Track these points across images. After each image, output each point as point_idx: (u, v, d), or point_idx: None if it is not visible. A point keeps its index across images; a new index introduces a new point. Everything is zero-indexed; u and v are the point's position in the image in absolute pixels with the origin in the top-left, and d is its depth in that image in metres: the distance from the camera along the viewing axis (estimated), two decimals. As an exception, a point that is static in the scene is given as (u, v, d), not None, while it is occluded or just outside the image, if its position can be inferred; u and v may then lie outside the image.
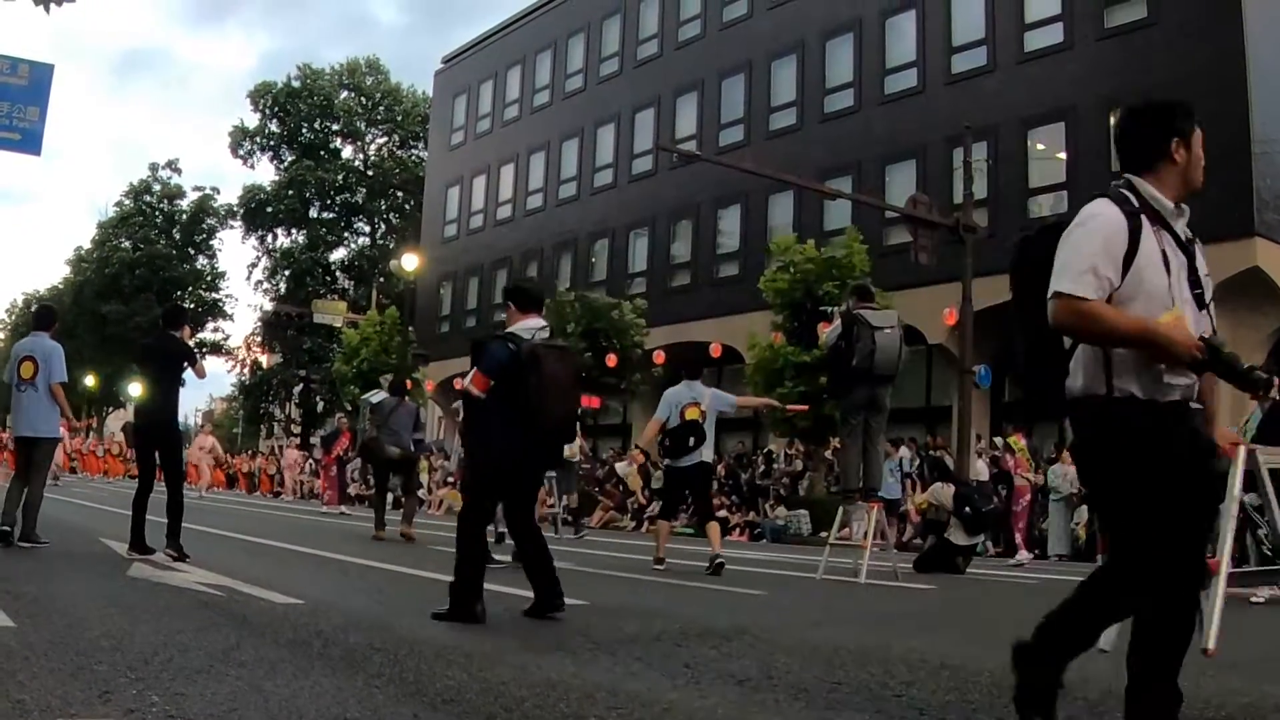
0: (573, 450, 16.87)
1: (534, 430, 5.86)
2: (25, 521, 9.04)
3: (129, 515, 8.72)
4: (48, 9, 9.16)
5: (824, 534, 16.17)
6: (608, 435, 32.54)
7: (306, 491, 31.09)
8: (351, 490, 27.14)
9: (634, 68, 33.69)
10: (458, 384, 6.24)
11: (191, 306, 55.56)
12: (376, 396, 14.89)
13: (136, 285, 57.21)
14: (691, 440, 10.09)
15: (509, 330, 6.12)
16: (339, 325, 40.16)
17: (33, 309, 10.67)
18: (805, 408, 17.95)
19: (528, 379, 5.75)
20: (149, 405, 9.06)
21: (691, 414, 10.13)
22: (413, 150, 56.84)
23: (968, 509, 11.59)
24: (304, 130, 55.71)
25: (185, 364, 9.03)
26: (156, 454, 8.96)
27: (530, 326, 6.10)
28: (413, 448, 14.42)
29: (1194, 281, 3.24)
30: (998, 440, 21.16)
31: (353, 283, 56.15)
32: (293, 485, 32.55)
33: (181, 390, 9.11)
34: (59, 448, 28.38)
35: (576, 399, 6.47)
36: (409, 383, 15.63)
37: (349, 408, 32.75)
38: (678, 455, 10.21)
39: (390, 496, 15.47)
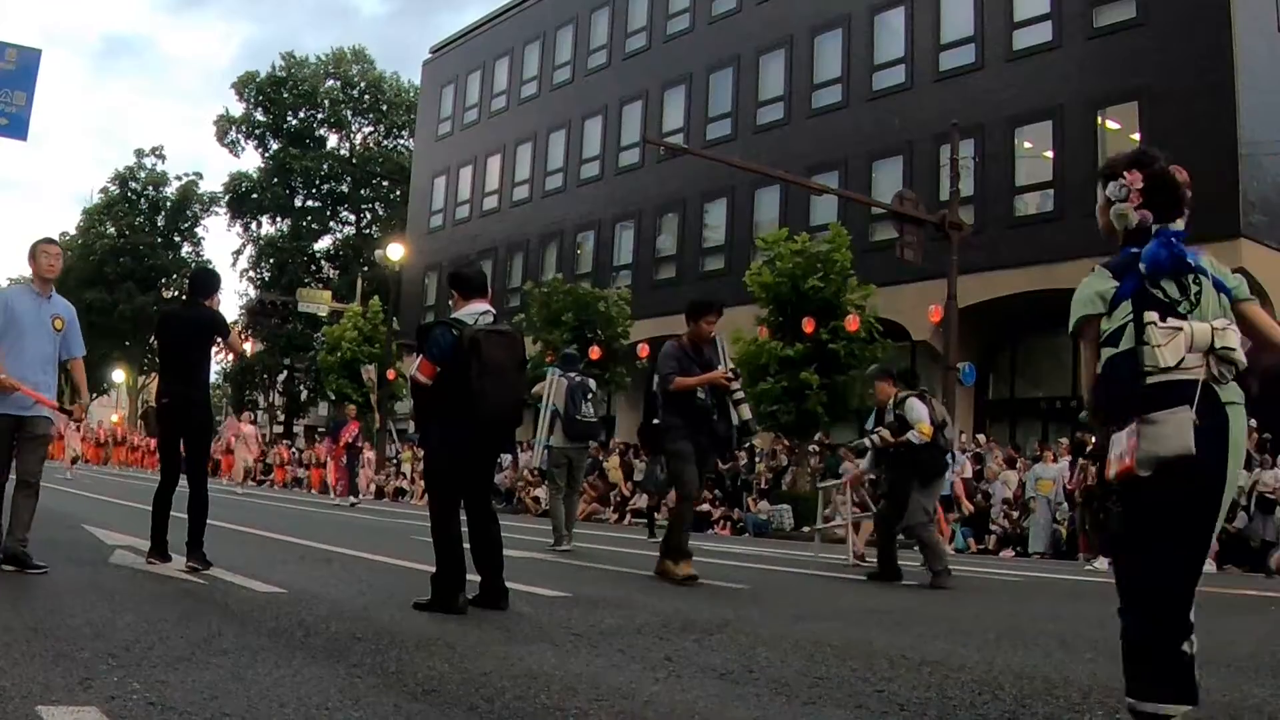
0: None
1: (476, 416, 5.80)
2: None
3: (111, 502, 8.53)
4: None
5: (806, 529, 16.27)
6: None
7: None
8: (363, 481, 25.77)
9: (622, 60, 33.64)
10: (409, 373, 6.20)
11: (175, 294, 55.24)
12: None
13: (120, 273, 56.90)
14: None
15: (453, 316, 6.07)
16: (323, 314, 40.06)
17: None
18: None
19: (469, 365, 5.71)
20: (173, 385, 7.56)
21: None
22: (398, 140, 56.74)
23: None
24: (289, 119, 55.51)
25: (215, 336, 7.66)
26: (182, 442, 7.55)
27: (474, 311, 6.04)
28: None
29: None
30: (980, 438, 21.29)
31: (337, 272, 56.01)
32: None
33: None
34: (69, 434, 27.64)
35: (520, 384, 6.43)
36: (391, 373, 15.17)
37: (332, 397, 32.56)
38: None
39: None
